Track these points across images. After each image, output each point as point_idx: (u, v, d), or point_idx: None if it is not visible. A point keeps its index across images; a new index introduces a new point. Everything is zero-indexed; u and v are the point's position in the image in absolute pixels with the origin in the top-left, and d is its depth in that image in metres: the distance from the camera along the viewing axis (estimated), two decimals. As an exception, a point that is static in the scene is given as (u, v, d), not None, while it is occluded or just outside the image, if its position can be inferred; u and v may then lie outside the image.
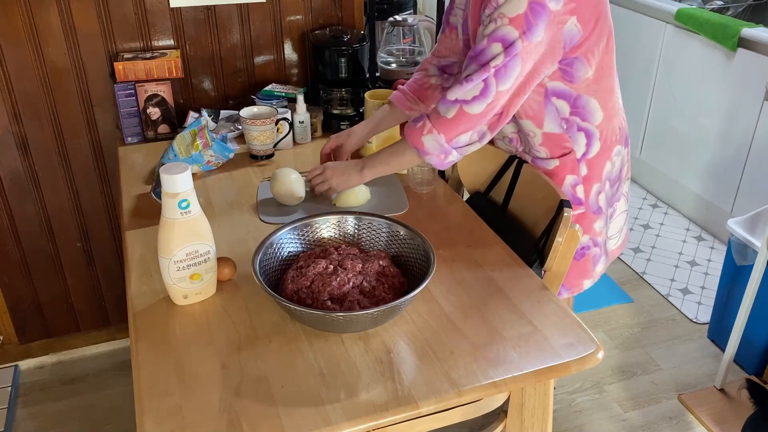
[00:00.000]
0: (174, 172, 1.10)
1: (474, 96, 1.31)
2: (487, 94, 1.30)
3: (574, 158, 1.49)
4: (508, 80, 1.30)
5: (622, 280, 2.67)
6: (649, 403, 2.09)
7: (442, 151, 1.36)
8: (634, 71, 3.22)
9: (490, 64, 1.29)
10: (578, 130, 1.46)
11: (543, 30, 1.29)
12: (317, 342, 1.12)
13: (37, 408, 2.07)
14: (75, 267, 2.16)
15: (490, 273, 1.31)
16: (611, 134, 1.51)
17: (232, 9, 1.97)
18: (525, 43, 1.28)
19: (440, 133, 1.34)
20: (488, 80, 1.29)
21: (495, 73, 1.29)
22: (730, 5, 3.19)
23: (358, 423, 0.97)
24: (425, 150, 1.37)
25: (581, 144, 1.48)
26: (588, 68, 1.39)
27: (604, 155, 1.52)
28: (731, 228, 2.10)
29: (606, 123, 1.48)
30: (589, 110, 1.44)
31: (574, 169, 1.50)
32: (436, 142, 1.35)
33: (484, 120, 1.34)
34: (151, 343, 1.12)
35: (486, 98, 1.30)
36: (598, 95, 1.44)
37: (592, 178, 1.51)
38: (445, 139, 1.35)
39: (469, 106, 1.31)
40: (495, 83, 1.30)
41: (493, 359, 1.08)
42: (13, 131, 1.91)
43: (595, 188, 1.54)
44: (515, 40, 1.28)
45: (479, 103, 1.31)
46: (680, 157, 3.07)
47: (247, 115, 1.75)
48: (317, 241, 1.30)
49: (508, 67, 1.29)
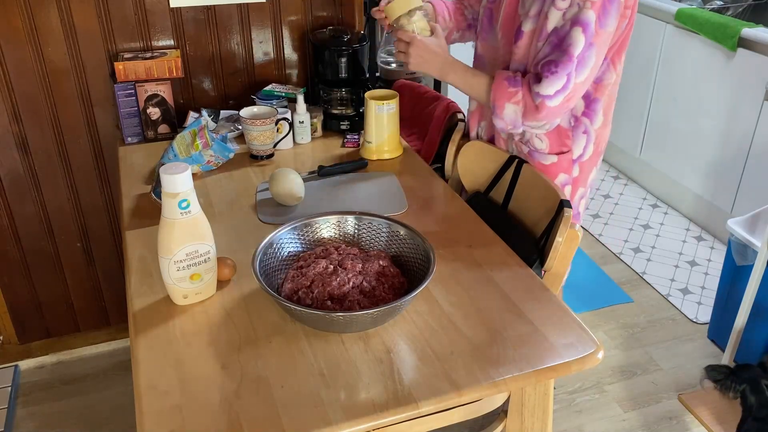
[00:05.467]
0: (174, 172, 1.10)
1: (557, 90, 1.35)
2: (568, 86, 1.35)
3: (570, 158, 1.51)
4: (585, 71, 1.35)
5: (622, 280, 2.67)
6: (649, 403, 2.09)
7: (514, 124, 1.43)
8: (634, 71, 3.22)
9: (574, 54, 1.32)
10: (583, 133, 1.48)
11: (614, 19, 1.32)
12: (317, 342, 1.12)
13: (37, 408, 2.07)
14: (75, 267, 2.16)
15: (490, 273, 1.31)
16: (602, 141, 1.53)
17: (232, 9, 1.97)
18: (600, 30, 1.31)
19: (523, 109, 1.40)
20: (571, 74, 1.34)
21: (576, 66, 1.33)
22: (730, 5, 3.19)
23: (358, 423, 0.97)
24: (502, 114, 1.43)
25: (580, 145, 1.49)
26: (613, 73, 1.43)
27: (593, 161, 1.54)
28: (731, 228, 2.10)
29: (602, 129, 1.50)
30: (597, 114, 1.47)
31: (568, 168, 1.51)
32: (515, 115, 1.41)
33: (559, 112, 1.39)
34: (151, 343, 1.12)
35: (565, 91, 1.35)
36: (608, 100, 1.46)
37: (580, 181, 1.53)
38: (522, 116, 1.41)
39: (551, 100, 1.36)
40: (575, 76, 1.34)
41: (493, 359, 1.08)
42: (13, 131, 1.91)
43: (580, 192, 1.56)
44: (593, 26, 1.31)
45: (559, 96, 1.36)
46: (680, 157, 3.07)
47: (247, 115, 1.75)
48: (317, 241, 1.30)
49: (585, 57, 1.33)
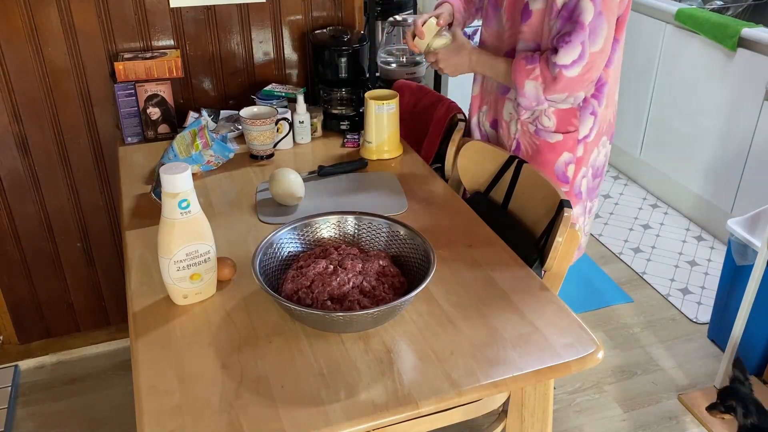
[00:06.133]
0: (174, 172, 1.10)
1: (573, 60, 1.38)
2: (584, 55, 1.37)
3: (576, 137, 1.53)
4: (599, 40, 1.37)
5: (622, 280, 2.67)
6: (649, 403, 2.09)
7: (537, 100, 1.46)
8: (634, 71, 3.22)
9: (585, 22, 1.35)
10: (591, 114, 1.50)
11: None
12: (317, 342, 1.12)
13: (37, 408, 2.07)
14: (75, 267, 2.17)
15: (490, 273, 1.31)
16: (604, 122, 1.56)
17: (232, 9, 1.97)
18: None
19: (543, 84, 1.43)
20: (585, 43, 1.36)
21: (590, 34, 1.35)
22: (730, 5, 3.19)
23: (358, 423, 0.97)
24: (524, 92, 1.46)
25: (587, 125, 1.53)
26: (619, 50, 1.45)
27: (595, 141, 1.57)
28: (731, 228, 2.10)
29: (605, 110, 1.53)
30: (604, 95, 1.49)
31: (573, 147, 1.54)
32: (536, 90, 1.44)
33: (580, 84, 1.41)
34: (151, 343, 1.12)
35: (582, 60, 1.38)
36: (610, 82, 1.49)
37: (582, 160, 1.56)
38: (543, 91, 1.43)
39: (569, 69, 1.39)
40: (589, 45, 1.36)
41: (493, 359, 1.08)
42: (13, 131, 1.91)
43: (582, 171, 1.58)
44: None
45: (577, 66, 1.38)
46: (680, 157, 3.07)
47: (247, 115, 1.75)
48: (317, 241, 1.30)
49: (596, 26, 1.35)
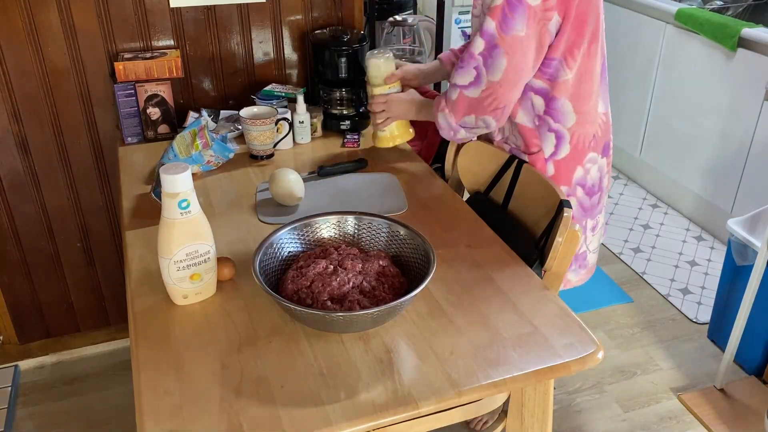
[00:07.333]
0: (174, 172, 1.10)
1: (470, 82, 1.45)
2: (480, 81, 1.43)
3: (542, 157, 1.53)
4: (497, 71, 1.40)
5: (622, 280, 2.68)
6: (649, 403, 2.09)
7: (451, 128, 1.53)
8: (634, 71, 3.22)
9: (474, 52, 1.41)
10: (549, 131, 1.50)
11: (523, 25, 1.36)
12: (317, 342, 1.12)
13: (37, 408, 2.07)
14: (75, 267, 2.16)
15: (490, 273, 1.31)
16: (583, 139, 1.52)
17: (232, 9, 1.97)
18: (503, 35, 1.36)
19: (450, 112, 1.50)
20: (478, 68, 1.41)
21: (483, 63, 1.40)
22: (730, 5, 3.19)
23: (358, 423, 0.97)
24: (439, 125, 1.55)
25: (550, 144, 1.51)
26: (567, 71, 1.43)
27: (575, 160, 1.53)
28: (731, 228, 2.09)
29: (578, 127, 1.50)
30: (562, 112, 1.48)
31: (542, 168, 1.53)
32: (446, 120, 1.52)
33: (484, 108, 1.45)
34: (151, 343, 1.12)
35: (479, 85, 1.44)
36: (573, 98, 1.47)
37: (559, 179, 1.53)
38: (454, 119, 1.50)
39: (467, 90, 1.45)
40: (485, 72, 1.41)
41: (493, 359, 1.08)
42: (13, 131, 1.91)
43: (564, 190, 1.55)
44: (493, 31, 1.37)
45: (474, 88, 1.44)
46: (680, 157, 3.07)
47: (247, 115, 1.75)
48: (317, 241, 1.30)
49: (493, 57, 1.39)
